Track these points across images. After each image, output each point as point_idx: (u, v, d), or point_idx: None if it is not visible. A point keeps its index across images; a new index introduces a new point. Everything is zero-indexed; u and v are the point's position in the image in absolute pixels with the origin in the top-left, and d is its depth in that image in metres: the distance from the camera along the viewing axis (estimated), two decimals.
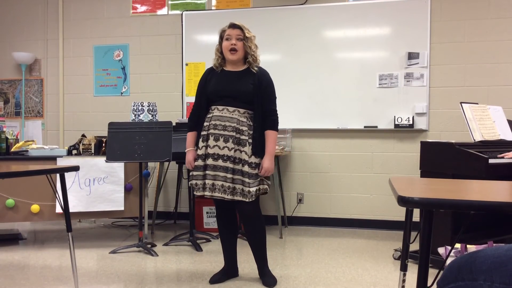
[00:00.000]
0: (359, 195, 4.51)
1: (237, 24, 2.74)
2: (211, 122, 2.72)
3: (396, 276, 2.97)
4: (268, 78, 2.80)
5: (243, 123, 2.71)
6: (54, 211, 3.75)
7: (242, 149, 2.68)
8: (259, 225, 2.82)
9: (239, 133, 2.69)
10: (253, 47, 2.76)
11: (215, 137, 2.69)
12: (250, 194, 2.65)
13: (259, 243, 2.85)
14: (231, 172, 2.66)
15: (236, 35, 2.72)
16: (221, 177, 2.67)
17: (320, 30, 4.51)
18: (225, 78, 2.78)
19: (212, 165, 2.68)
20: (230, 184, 2.66)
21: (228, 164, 2.66)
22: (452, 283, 1.10)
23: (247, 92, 2.71)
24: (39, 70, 5.24)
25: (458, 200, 1.18)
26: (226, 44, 2.74)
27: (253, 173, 2.68)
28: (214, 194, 2.68)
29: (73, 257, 2.58)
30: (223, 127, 2.69)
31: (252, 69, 2.77)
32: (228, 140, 2.68)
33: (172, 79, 4.90)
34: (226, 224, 2.90)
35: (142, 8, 4.97)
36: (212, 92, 2.76)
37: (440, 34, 4.28)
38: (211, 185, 2.69)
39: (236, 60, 2.76)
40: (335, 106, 4.47)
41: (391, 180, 1.60)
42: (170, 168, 4.80)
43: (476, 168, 2.89)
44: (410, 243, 1.80)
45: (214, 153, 2.69)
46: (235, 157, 2.67)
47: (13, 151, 3.94)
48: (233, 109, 2.71)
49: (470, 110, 3.26)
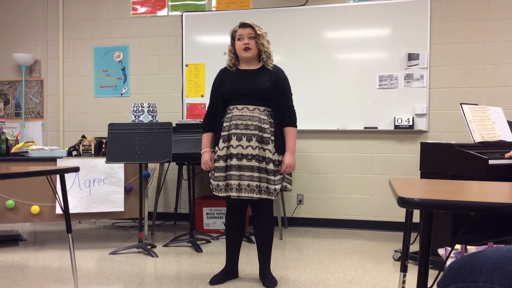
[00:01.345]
0: (359, 196, 4.51)
1: (248, 23, 2.75)
2: (231, 122, 2.70)
3: (396, 277, 2.97)
4: (284, 75, 2.81)
5: (264, 120, 2.70)
6: (54, 212, 3.75)
7: (266, 147, 2.67)
8: (270, 224, 2.85)
9: (261, 131, 2.68)
10: (265, 44, 2.77)
11: (237, 137, 2.67)
12: (276, 192, 2.66)
13: (266, 243, 2.85)
14: (257, 170, 2.65)
15: (247, 34, 2.73)
16: (247, 177, 2.65)
17: (320, 31, 4.52)
18: (241, 77, 2.78)
19: (237, 165, 2.66)
20: (257, 183, 2.65)
21: (253, 163, 2.65)
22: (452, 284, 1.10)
23: (264, 89, 2.71)
24: (39, 71, 5.24)
25: (458, 201, 1.18)
26: (239, 44, 2.74)
27: (277, 170, 2.68)
28: (241, 194, 2.66)
29: (73, 258, 2.58)
30: (245, 126, 2.68)
31: (267, 66, 2.78)
32: (251, 139, 2.66)
33: (172, 80, 4.90)
34: (237, 224, 2.87)
35: (142, 9, 4.97)
36: (229, 91, 2.75)
37: (440, 35, 4.28)
38: (237, 185, 2.66)
39: (250, 58, 2.77)
40: (335, 107, 4.47)
41: (391, 181, 1.60)
42: (170, 169, 4.80)
43: (476, 169, 2.89)
44: (410, 244, 1.80)
45: (238, 153, 2.67)
46: (259, 155, 2.66)
47: (13, 152, 3.94)
48: (253, 108, 2.70)
49: (470, 111, 3.26)
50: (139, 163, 3.62)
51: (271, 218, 2.85)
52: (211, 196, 4.68)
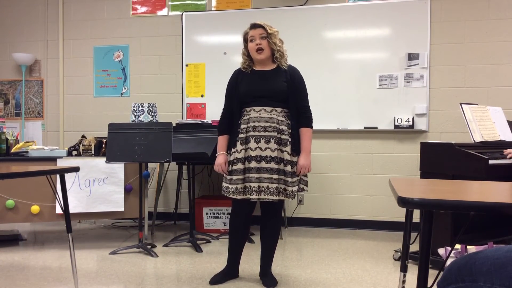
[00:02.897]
0: (359, 196, 4.51)
1: (258, 24, 2.74)
2: (249, 124, 2.67)
3: (396, 277, 2.97)
4: (299, 75, 2.80)
5: (282, 122, 2.68)
6: (54, 212, 3.75)
7: (284, 149, 2.65)
8: (278, 225, 2.87)
9: (280, 133, 2.66)
10: (278, 42, 2.75)
11: (256, 139, 2.65)
12: (293, 194, 2.66)
13: (272, 243, 2.85)
14: (276, 173, 2.63)
15: (259, 34, 2.71)
16: (266, 179, 2.62)
17: (320, 31, 4.52)
18: (257, 78, 2.75)
19: (256, 168, 2.63)
20: (277, 185, 2.63)
21: (272, 165, 2.62)
22: (452, 284, 1.10)
23: (281, 90, 2.69)
24: (39, 71, 5.24)
25: (458, 201, 1.18)
26: (251, 45, 2.73)
27: (294, 171, 2.67)
28: (261, 196, 2.63)
29: (73, 258, 2.58)
30: (263, 128, 2.65)
31: (281, 66, 2.76)
32: (269, 141, 2.64)
33: (172, 80, 4.90)
34: (243, 224, 2.84)
35: (142, 9, 4.97)
36: (246, 93, 2.72)
37: (440, 35, 4.28)
38: (257, 187, 2.63)
39: (264, 59, 2.74)
40: (335, 107, 4.47)
41: (391, 181, 1.60)
42: (170, 169, 4.80)
43: (476, 169, 2.89)
44: (410, 244, 1.80)
45: (256, 155, 2.64)
46: (278, 157, 2.64)
47: (13, 152, 3.94)
48: (270, 109, 2.68)
49: (470, 111, 3.26)
50: (139, 163, 3.62)
51: (279, 219, 2.87)
52: (211, 196, 4.69)
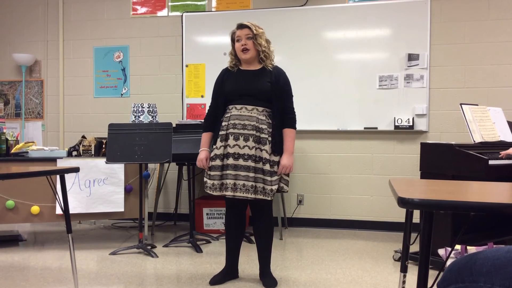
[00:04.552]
0: (359, 197, 4.51)
1: (244, 24, 2.76)
2: (229, 122, 2.72)
3: (396, 278, 2.97)
4: (285, 77, 2.82)
5: (262, 121, 2.71)
6: (54, 213, 3.75)
7: (263, 148, 2.68)
8: (269, 225, 2.85)
9: (259, 132, 2.69)
10: (263, 43, 2.77)
11: (234, 136, 2.69)
12: (272, 192, 2.67)
13: (266, 243, 2.85)
14: (253, 171, 2.65)
15: (245, 35, 2.74)
16: (243, 177, 2.65)
17: (320, 31, 4.52)
18: (242, 77, 2.80)
19: (233, 165, 2.67)
20: (253, 183, 2.65)
21: (249, 163, 2.65)
22: (452, 284, 1.10)
23: (264, 90, 2.72)
24: (39, 72, 5.24)
25: (458, 201, 1.18)
26: (237, 45, 2.77)
27: (274, 171, 2.68)
28: (237, 193, 2.66)
29: (73, 258, 2.58)
30: (242, 126, 2.69)
31: (266, 67, 2.79)
32: (248, 139, 2.67)
33: (172, 80, 4.90)
34: (236, 224, 2.87)
35: (142, 10, 4.97)
36: (230, 91, 2.77)
37: (440, 35, 4.28)
38: (233, 184, 2.67)
39: (249, 59, 2.78)
40: (335, 107, 4.47)
41: (391, 182, 1.60)
42: (170, 169, 4.80)
43: (476, 169, 2.89)
44: (410, 244, 1.80)
45: (234, 152, 2.68)
46: (256, 155, 2.67)
47: (13, 152, 3.94)
48: (251, 108, 2.71)
49: (470, 111, 3.26)
50: (139, 163, 3.62)
51: (270, 219, 2.85)
52: (211, 196, 4.67)
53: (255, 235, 2.90)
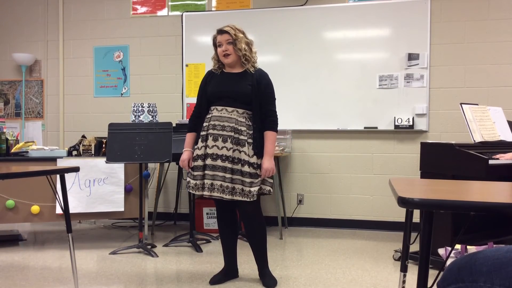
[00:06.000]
0: (359, 196, 4.51)
1: (224, 29, 2.77)
2: (210, 123, 2.75)
3: (396, 277, 2.97)
4: (267, 79, 2.82)
5: (241, 123, 2.72)
6: (54, 212, 3.75)
7: (241, 149, 2.69)
8: (259, 225, 2.84)
9: (237, 133, 2.71)
10: (243, 47, 2.76)
11: (213, 137, 2.71)
12: (251, 194, 2.67)
13: (259, 244, 2.86)
14: (230, 172, 2.68)
15: (225, 40, 2.76)
16: (220, 177, 2.68)
17: (320, 31, 4.51)
18: (224, 79, 2.82)
19: (211, 165, 2.70)
20: (229, 184, 2.68)
21: (226, 164, 2.68)
22: (452, 284, 1.10)
23: (244, 93, 2.74)
24: (39, 71, 5.24)
25: (458, 201, 1.18)
26: (219, 50, 2.80)
27: (254, 173, 2.69)
28: (213, 194, 2.70)
29: (73, 258, 2.58)
30: (221, 127, 2.71)
31: (248, 70, 2.80)
32: (226, 140, 2.69)
33: (172, 80, 4.90)
34: (227, 224, 2.91)
35: (142, 9, 4.97)
36: (212, 93, 2.80)
37: (440, 35, 4.28)
38: (210, 184, 2.70)
39: (232, 63, 2.80)
40: (335, 107, 4.47)
41: (391, 181, 1.60)
42: (170, 169, 4.80)
43: (476, 169, 2.89)
44: (410, 244, 1.80)
45: (213, 153, 2.70)
46: (234, 157, 2.69)
47: (13, 152, 3.94)
48: (231, 109, 2.74)
49: (470, 111, 3.26)
50: (139, 163, 3.62)
51: (259, 218, 2.83)
52: None
53: (247, 238, 2.95)
